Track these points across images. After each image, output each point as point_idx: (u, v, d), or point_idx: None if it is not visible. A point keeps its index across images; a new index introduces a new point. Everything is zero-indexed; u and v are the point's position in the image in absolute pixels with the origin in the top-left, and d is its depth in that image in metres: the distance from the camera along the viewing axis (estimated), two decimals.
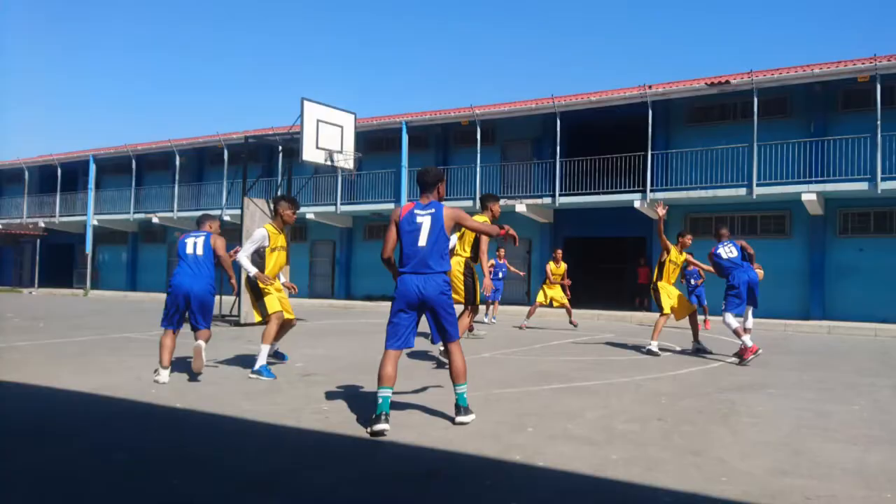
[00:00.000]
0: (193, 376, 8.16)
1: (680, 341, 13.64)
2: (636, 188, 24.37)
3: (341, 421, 6.14)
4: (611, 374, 9.44)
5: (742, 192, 21.96)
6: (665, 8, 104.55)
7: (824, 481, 4.54)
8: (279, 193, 20.65)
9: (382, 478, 4.65)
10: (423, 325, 6.16)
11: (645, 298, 25.35)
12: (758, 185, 21.65)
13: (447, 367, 6.39)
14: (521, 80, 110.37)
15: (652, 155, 23.89)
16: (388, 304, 6.33)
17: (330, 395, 7.34)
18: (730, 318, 11.03)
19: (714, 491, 4.33)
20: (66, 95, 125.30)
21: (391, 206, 28.66)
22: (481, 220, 9.37)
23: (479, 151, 27.14)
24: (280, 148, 24.81)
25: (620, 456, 5.10)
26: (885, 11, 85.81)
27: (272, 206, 9.94)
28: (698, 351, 12.07)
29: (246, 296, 10.72)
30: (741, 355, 10.74)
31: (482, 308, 19.53)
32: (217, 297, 10.28)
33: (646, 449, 5.32)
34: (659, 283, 12.11)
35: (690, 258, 12.72)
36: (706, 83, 22.61)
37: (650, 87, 23.64)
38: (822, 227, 22.08)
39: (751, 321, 11.73)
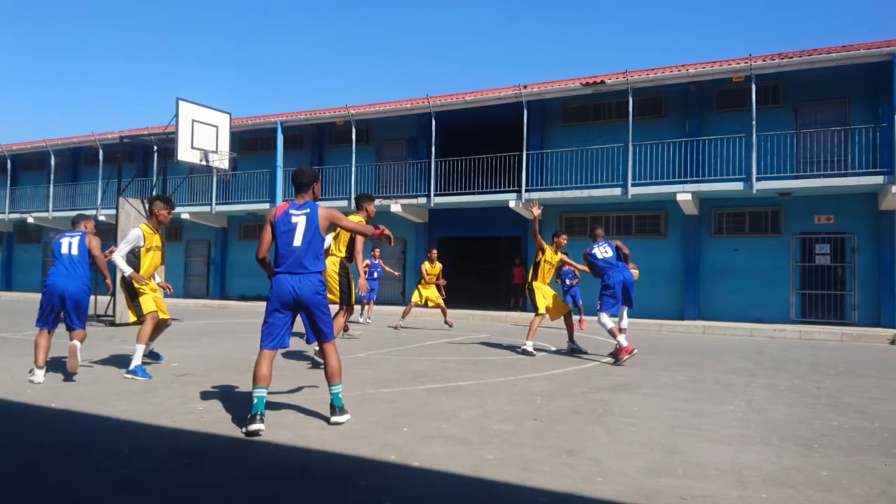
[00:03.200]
0: (68, 376, 8.30)
1: (555, 341, 13.90)
2: (511, 188, 24.78)
3: (216, 421, 6.18)
4: (486, 374, 9.54)
5: (617, 191, 22.47)
6: (539, 9, 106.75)
7: (699, 481, 4.66)
8: (154, 193, 20.73)
9: (257, 478, 4.64)
10: (299, 324, 6.18)
11: (520, 298, 25.76)
12: (633, 184, 22.21)
13: (322, 367, 6.47)
14: (396, 80, 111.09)
15: (527, 155, 24.29)
16: (263, 303, 6.36)
17: (205, 395, 7.41)
18: (605, 318, 11.28)
19: (589, 491, 4.40)
20: None
21: (266, 206, 28.99)
22: (356, 220, 9.58)
23: (354, 151, 27.22)
24: (155, 148, 25.71)
25: (495, 456, 5.15)
26: (759, 12, 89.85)
27: (147, 205, 9.89)
28: (573, 351, 12.30)
29: (121, 296, 10.84)
30: (616, 355, 11.00)
31: (357, 308, 19.52)
32: (92, 297, 10.32)
33: (521, 449, 5.38)
34: (534, 283, 12.28)
35: (565, 258, 12.93)
36: (581, 83, 23.03)
37: (525, 87, 23.98)
38: (696, 227, 22.81)
39: (626, 321, 12.02)
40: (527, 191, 24.10)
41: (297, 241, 6.09)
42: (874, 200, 20.34)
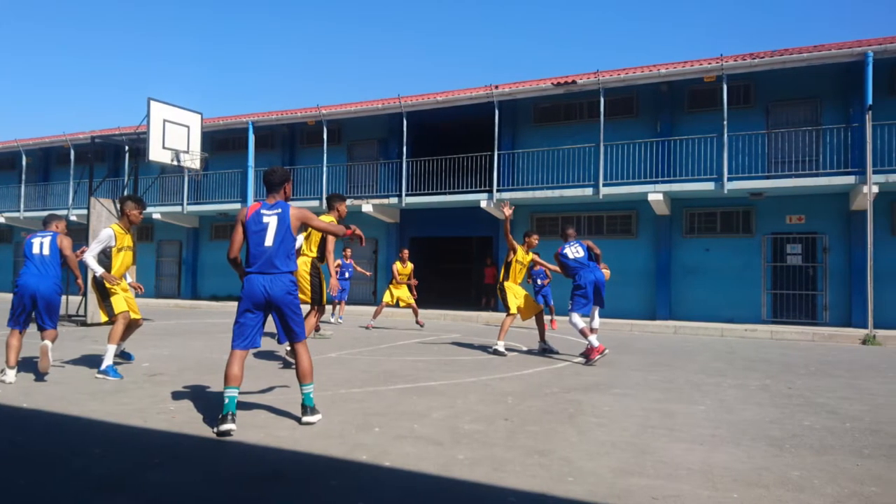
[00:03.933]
0: (40, 376, 8.39)
1: (526, 341, 13.95)
2: (483, 188, 24.83)
3: (187, 421, 6.21)
4: (457, 374, 9.56)
5: (589, 191, 22.51)
6: (510, 8, 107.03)
7: (670, 481, 4.69)
8: (126, 193, 20.67)
9: (228, 478, 4.66)
10: (270, 324, 6.24)
11: (491, 298, 25.85)
12: (604, 184, 22.25)
13: (294, 366, 6.57)
14: (367, 80, 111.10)
15: (498, 155, 24.34)
16: (235, 303, 6.36)
17: (176, 395, 7.44)
18: (576, 317, 11.30)
19: (560, 491, 4.42)
20: None
21: (238, 206, 28.98)
22: (328, 220, 9.68)
23: (325, 151, 27.23)
24: (127, 148, 25.52)
25: (467, 456, 5.16)
26: (731, 12, 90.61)
27: (118, 206, 9.94)
28: (545, 351, 12.34)
29: (92, 296, 10.85)
30: (588, 355, 11.04)
31: (328, 308, 19.47)
32: (63, 297, 10.38)
33: (492, 449, 5.40)
34: (505, 283, 12.31)
35: (537, 258, 12.96)
36: (553, 83, 23.06)
37: (496, 87, 24.00)
38: (668, 227, 22.91)
39: (597, 321, 12.03)
40: (498, 191, 24.13)
41: (269, 241, 6.11)
42: (845, 200, 20.53)
